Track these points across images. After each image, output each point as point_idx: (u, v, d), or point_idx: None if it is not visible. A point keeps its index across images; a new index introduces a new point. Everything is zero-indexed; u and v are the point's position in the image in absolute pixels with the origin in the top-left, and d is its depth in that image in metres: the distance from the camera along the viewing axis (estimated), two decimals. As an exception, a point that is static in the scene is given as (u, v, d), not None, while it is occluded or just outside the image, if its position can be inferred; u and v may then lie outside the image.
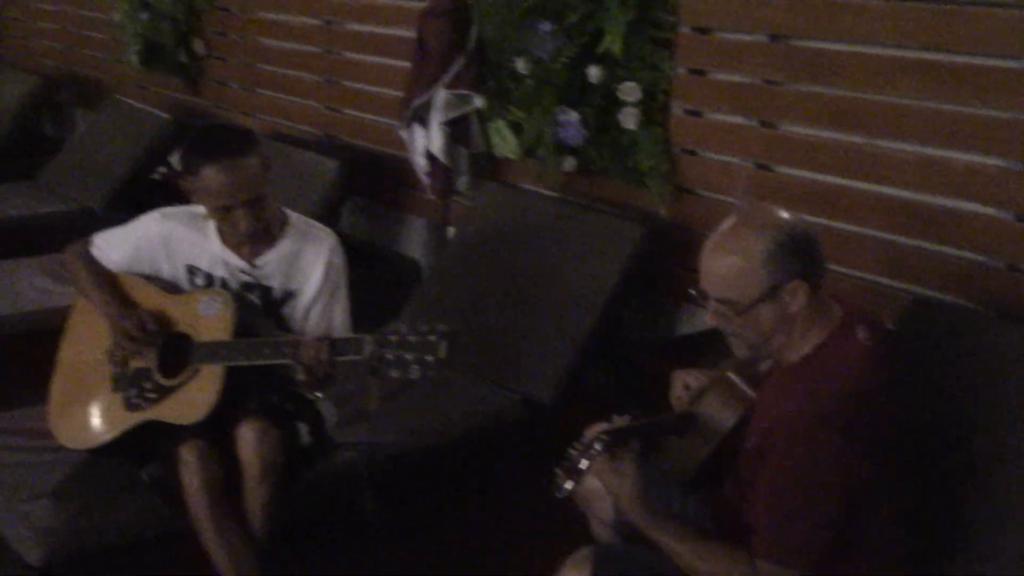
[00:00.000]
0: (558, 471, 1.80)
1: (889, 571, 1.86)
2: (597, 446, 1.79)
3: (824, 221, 2.73)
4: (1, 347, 3.42)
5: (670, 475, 2.00)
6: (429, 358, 2.04)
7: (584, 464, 1.78)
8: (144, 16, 5.09)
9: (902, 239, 2.59)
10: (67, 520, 2.28)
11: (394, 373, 2.08)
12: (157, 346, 2.38)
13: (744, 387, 2.00)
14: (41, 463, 2.46)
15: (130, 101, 5.27)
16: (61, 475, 2.42)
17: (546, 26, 3.23)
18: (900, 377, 1.85)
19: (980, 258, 2.44)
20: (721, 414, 1.98)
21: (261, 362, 2.23)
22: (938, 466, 2.04)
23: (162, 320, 2.38)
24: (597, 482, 2.14)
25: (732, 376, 2.01)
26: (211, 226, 2.41)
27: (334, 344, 2.15)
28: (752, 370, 2.06)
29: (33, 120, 5.92)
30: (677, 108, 3.06)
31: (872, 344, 1.81)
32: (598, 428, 1.91)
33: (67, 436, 2.44)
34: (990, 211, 2.42)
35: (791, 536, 1.73)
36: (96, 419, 2.41)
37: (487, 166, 3.62)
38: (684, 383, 2.07)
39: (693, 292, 1.85)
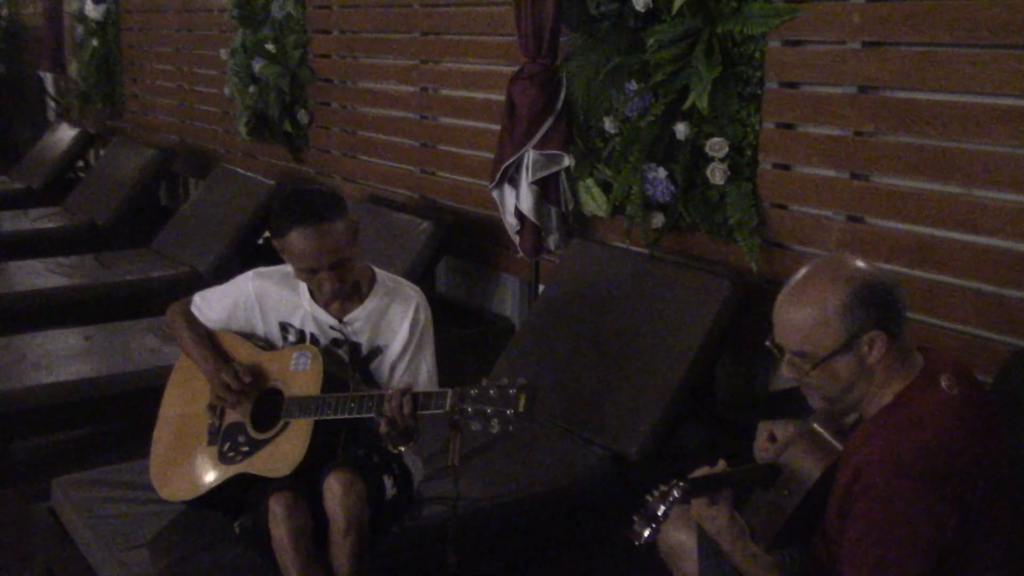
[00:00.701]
0: (635, 518, 1.77)
1: None
2: (676, 493, 1.76)
3: (919, 273, 2.67)
4: (112, 404, 3.59)
5: (756, 530, 1.95)
6: (509, 412, 2.05)
7: (661, 510, 1.75)
8: (253, 89, 5.34)
9: (1000, 290, 2.50)
10: (164, 569, 2.35)
11: (475, 426, 2.10)
12: (252, 399, 2.46)
13: (830, 438, 1.95)
14: (141, 514, 2.55)
15: (238, 169, 5.51)
16: (159, 526, 2.50)
17: (632, 85, 3.26)
18: (994, 428, 1.78)
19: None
20: (806, 466, 1.93)
21: (347, 416, 2.28)
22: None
23: (257, 374, 2.46)
24: (683, 537, 2.12)
25: (817, 428, 1.97)
26: (302, 284, 2.49)
27: (416, 397, 2.18)
28: (839, 422, 2.01)
29: (150, 190, 6.24)
30: (765, 162, 3.04)
31: (957, 393, 1.75)
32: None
33: (166, 488, 2.53)
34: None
35: None
36: (193, 472, 2.49)
37: (577, 224, 3.65)
38: (769, 433, 2.03)
39: (769, 344, 1.83)
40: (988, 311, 2.52)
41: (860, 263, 1.78)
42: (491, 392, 2.08)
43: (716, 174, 3.09)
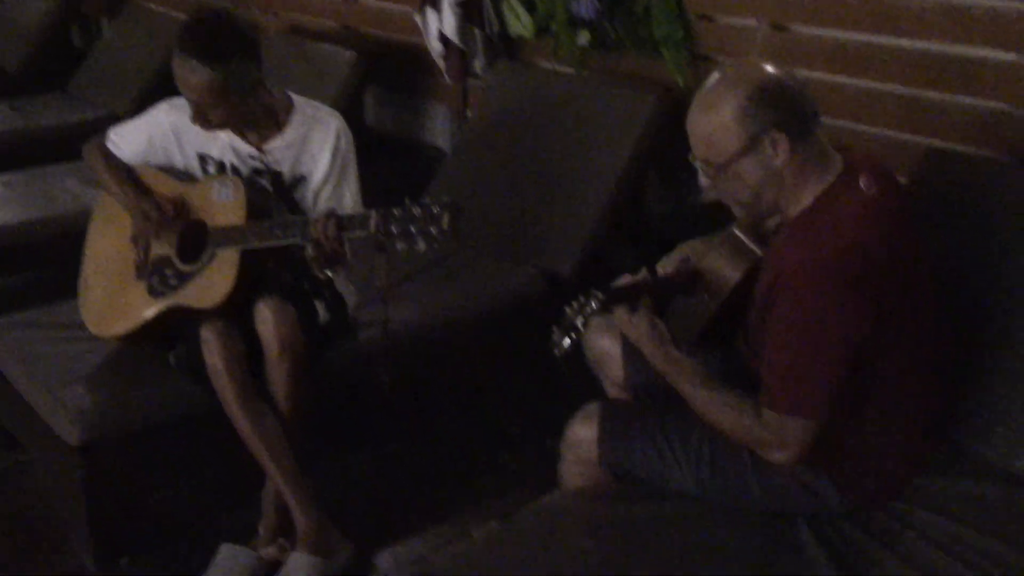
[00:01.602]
0: (554, 328, 1.81)
1: (901, 428, 1.86)
2: (593, 304, 1.79)
3: (842, 79, 2.67)
4: (38, 249, 3.52)
5: (678, 334, 2.00)
6: (433, 230, 2.05)
7: (580, 321, 1.79)
8: (158, -83, 5.04)
9: (922, 92, 2.52)
10: (101, 402, 2.37)
11: (400, 246, 2.09)
12: (176, 232, 2.43)
13: (750, 243, 1.98)
14: (76, 352, 2.54)
15: (151, 5, 5.25)
16: (94, 362, 2.51)
17: None
18: (908, 227, 1.82)
19: (1002, 106, 2.38)
20: (726, 271, 1.97)
21: (274, 243, 2.26)
22: (954, 320, 2.01)
23: (178, 206, 2.42)
24: (607, 343, 2.17)
25: (738, 232, 2.00)
26: (220, 113, 2.41)
27: (340, 219, 2.17)
28: (760, 228, 2.04)
29: (60, 31, 5.93)
30: (690, -28, 2.98)
31: (875, 192, 1.77)
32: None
33: (97, 325, 2.53)
34: (1011, 57, 2.34)
35: (793, 386, 1.74)
36: (124, 308, 2.48)
37: (502, 46, 3.56)
38: (684, 253, 2.06)
39: (689, 158, 1.84)
40: (907, 113, 2.55)
41: (762, 67, 1.77)
42: (415, 211, 2.07)
43: (641, -13, 3.02)
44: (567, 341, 1.79)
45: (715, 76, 1.79)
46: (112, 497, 2.41)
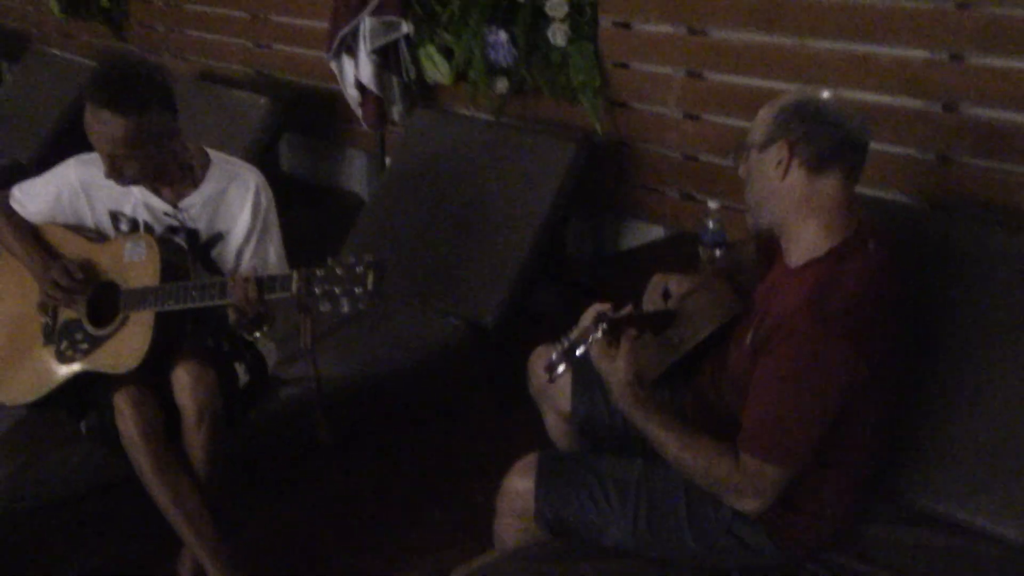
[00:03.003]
0: (553, 354, 1.77)
1: (847, 480, 1.85)
2: (597, 333, 1.75)
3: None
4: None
5: (642, 370, 1.95)
6: (358, 290, 2.01)
7: (581, 350, 1.75)
8: (61, -40, 4.92)
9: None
10: (9, 476, 2.26)
11: (324, 308, 2.04)
12: (86, 295, 2.33)
13: (731, 296, 1.98)
14: (-22, 422, 2.42)
15: (55, 51, 5.11)
16: (0, 432, 2.39)
17: (468, -56, 3.15)
18: (902, 289, 1.81)
19: (910, 151, 2.44)
20: (704, 319, 1.96)
21: (191, 305, 2.19)
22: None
23: (89, 269, 2.33)
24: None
25: (718, 282, 2.00)
26: (131, 170, 2.34)
27: (261, 281, 2.11)
28: (738, 279, 2.05)
29: (-43, 76, 5.75)
30: (605, 21, 3.01)
31: (883, 257, 1.77)
32: (594, 312, 1.84)
33: (3, 393, 2.40)
34: (918, 103, 2.41)
35: (779, 434, 1.71)
36: (30, 374, 2.36)
37: (420, 93, 3.55)
38: (664, 288, 2.05)
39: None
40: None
41: (826, 94, 1.82)
42: (338, 271, 2.03)
43: (557, 35, 3.04)
44: (563, 366, 1.75)
45: None
46: (23, 572, 2.29)
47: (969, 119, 2.33)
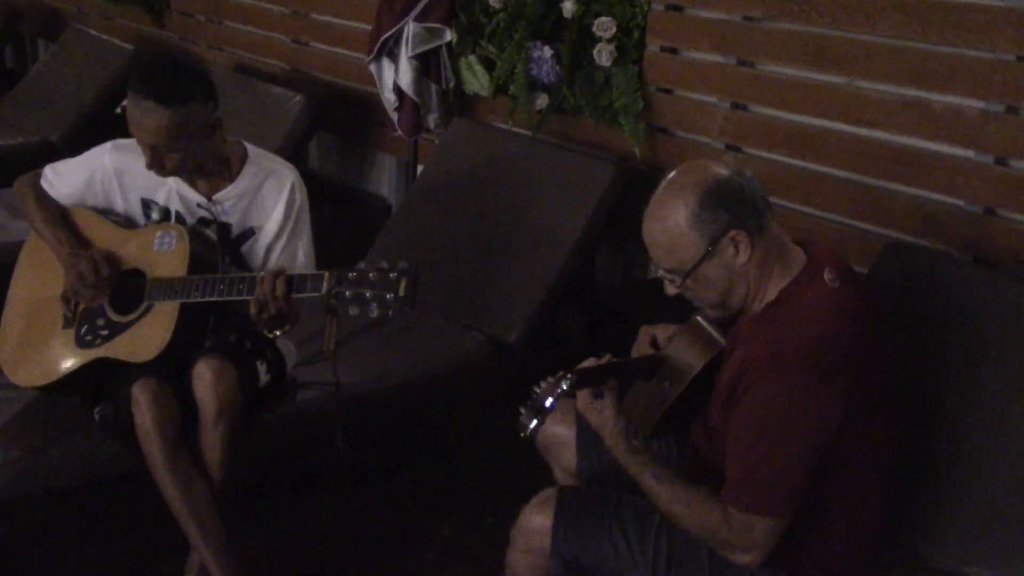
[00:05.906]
0: (522, 410, 1.74)
1: (859, 529, 1.82)
2: (564, 385, 1.73)
3: (799, 162, 2.68)
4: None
5: (635, 420, 1.95)
6: (388, 296, 1.97)
7: (549, 402, 1.72)
8: (106, -58, 4.92)
9: (879, 182, 2.53)
10: (17, 458, 2.22)
11: (353, 311, 2.00)
12: (108, 292, 2.29)
13: (714, 333, 1.95)
14: (-9, 401, 2.39)
15: (92, 31, 5.10)
16: (11, 414, 2.35)
17: (519, -42, 3.12)
18: (871, 319, 1.80)
19: (957, 202, 2.40)
20: (689, 358, 1.93)
21: (216, 299, 2.15)
22: (910, 413, 2.00)
23: (115, 256, 2.30)
24: (561, 429, 2.11)
25: (700, 321, 1.96)
26: (167, 158, 2.31)
27: (291, 280, 2.07)
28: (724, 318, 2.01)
29: (-7, 51, 5.75)
30: (653, 45, 2.97)
31: (838, 286, 1.75)
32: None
33: (17, 374, 2.37)
34: (969, 154, 2.37)
35: (759, 484, 1.69)
36: (47, 357, 2.33)
37: (457, 103, 3.52)
38: (651, 337, 2.02)
39: (652, 270, 1.80)
40: (866, 203, 2.56)
41: (707, 167, 1.75)
42: (371, 275, 1.99)
43: (603, 55, 3.01)
44: (535, 423, 1.72)
45: (662, 185, 1.77)
46: (24, 559, 2.25)
47: (1020, 174, 2.28)
